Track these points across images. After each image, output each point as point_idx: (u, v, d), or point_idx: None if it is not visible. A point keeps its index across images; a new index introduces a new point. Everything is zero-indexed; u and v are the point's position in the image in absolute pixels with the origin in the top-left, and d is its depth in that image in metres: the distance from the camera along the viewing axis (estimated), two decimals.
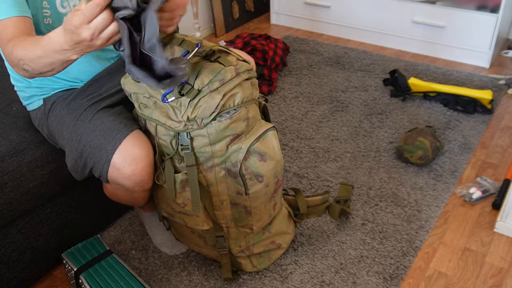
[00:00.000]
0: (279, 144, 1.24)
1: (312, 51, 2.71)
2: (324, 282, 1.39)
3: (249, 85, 1.16)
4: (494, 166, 1.82)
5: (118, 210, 1.61)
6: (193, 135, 1.13)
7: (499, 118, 2.09)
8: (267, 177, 1.20)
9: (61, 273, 1.47)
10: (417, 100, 2.22)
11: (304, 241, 1.52)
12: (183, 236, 1.39)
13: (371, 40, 2.81)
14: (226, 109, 1.12)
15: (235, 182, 1.19)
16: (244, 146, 1.15)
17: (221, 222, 1.27)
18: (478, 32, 2.43)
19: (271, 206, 1.29)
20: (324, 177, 1.78)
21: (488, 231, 1.54)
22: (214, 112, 1.10)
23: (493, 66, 2.51)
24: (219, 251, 1.31)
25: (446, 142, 1.93)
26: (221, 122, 1.12)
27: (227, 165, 1.18)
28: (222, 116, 1.12)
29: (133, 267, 1.46)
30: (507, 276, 1.39)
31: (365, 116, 2.13)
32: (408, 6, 2.58)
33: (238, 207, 1.25)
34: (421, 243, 1.50)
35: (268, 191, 1.23)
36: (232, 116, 1.13)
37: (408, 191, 1.70)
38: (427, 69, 2.47)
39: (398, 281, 1.38)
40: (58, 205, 1.39)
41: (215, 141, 1.14)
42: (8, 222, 1.27)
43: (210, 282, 1.40)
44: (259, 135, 1.18)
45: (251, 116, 1.18)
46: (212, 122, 1.12)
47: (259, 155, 1.17)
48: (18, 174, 1.25)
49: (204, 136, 1.13)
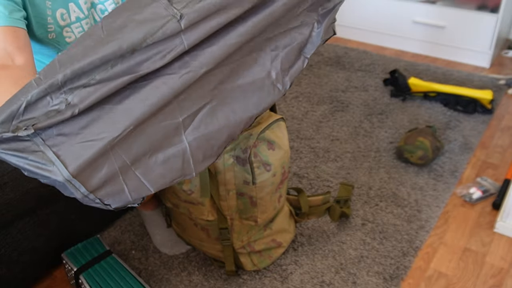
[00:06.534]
0: (287, 135, 1.27)
1: None
2: (324, 282, 1.39)
3: None
4: (494, 166, 1.82)
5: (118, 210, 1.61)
6: None
7: (499, 118, 2.09)
8: (274, 166, 1.22)
9: (61, 273, 1.47)
10: (417, 100, 2.22)
11: (304, 241, 1.52)
12: (185, 230, 1.39)
13: (371, 40, 2.81)
14: None
15: (243, 171, 1.21)
16: (255, 133, 1.18)
17: (226, 214, 1.28)
18: (478, 32, 2.43)
19: (276, 198, 1.30)
20: (324, 177, 1.78)
21: (488, 231, 1.54)
22: None
23: (493, 66, 2.51)
24: (223, 243, 1.32)
25: (446, 142, 1.93)
26: None
27: (236, 152, 1.20)
28: None
29: (133, 267, 1.46)
30: (507, 276, 1.39)
31: (365, 116, 2.13)
32: (408, 6, 2.58)
33: (244, 198, 1.26)
34: (421, 243, 1.50)
35: (274, 181, 1.25)
36: None
37: (408, 191, 1.70)
38: (427, 69, 2.47)
39: (398, 281, 1.38)
40: (58, 205, 1.39)
41: None
42: (8, 222, 1.27)
43: (210, 282, 1.40)
44: (268, 123, 1.21)
45: None
46: None
47: (268, 143, 1.20)
48: (18, 174, 1.25)
49: None
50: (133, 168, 0.88)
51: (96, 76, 0.83)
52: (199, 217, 1.27)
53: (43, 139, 0.83)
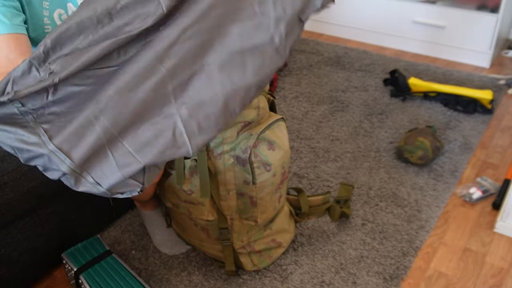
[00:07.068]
0: (287, 135, 1.27)
1: (312, 51, 2.71)
2: (324, 282, 1.39)
3: None
4: (494, 166, 1.81)
5: (118, 210, 1.61)
6: None
7: (499, 118, 2.09)
8: (274, 166, 1.22)
9: (61, 273, 1.47)
10: (417, 100, 2.22)
11: (304, 241, 1.52)
12: (185, 230, 1.39)
13: (371, 40, 2.81)
14: None
15: (243, 171, 1.21)
16: (255, 133, 1.19)
17: (226, 214, 1.28)
18: (478, 32, 2.43)
19: (276, 198, 1.30)
20: (324, 177, 1.78)
21: (488, 231, 1.54)
22: None
23: (493, 66, 2.51)
24: (223, 243, 1.32)
25: (446, 142, 1.93)
26: None
27: (236, 152, 1.20)
28: None
29: (133, 267, 1.46)
30: (507, 276, 1.39)
31: (365, 116, 2.13)
32: (408, 6, 2.58)
33: (244, 198, 1.26)
34: (421, 243, 1.50)
35: (274, 182, 1.25)
36: None
37: (408, 191, 1.70)
38: (427, 69, 2.47)
39: (398, 281, 1.38)
40: (58, 205, 1.39)
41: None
42: (8, 222, 1.27)
43: (210, 282, 1.40)
44: (269, 123, 1.22)
45: (262, 106, 1.22)
46: None
47: (268, 143, 1.20)
48: (18, 174, 1.25)
49: None
50: (120, 138, 0.86)
51: (78, 45, 0.84)
52: (199, 217, 1.27)
53: (34, 117, 0.86)
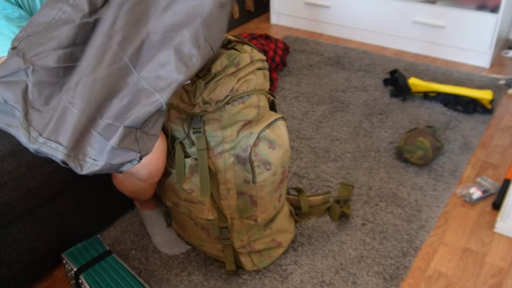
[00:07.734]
0: (287, 134, 1.27)
1: (312, 51, 2.71)
2: (324, 282, 1.39)
3: (261, 74, 1.21)
4: (494, 166, 1.82)
5: (118, 210, 1.61)
6: (205, 119, 1.17)
7: (499, 118, 2.09)
8: (275, 165, 1.22)
9: (61, 273, 1.47)
10: (417, 100, 2.22)
11: (304, 241, 1.52)
12: (185, 229, 1.39)
13: (371, 40, 2.81)
14: (240, 94, 1.15)
15: (243, 170, 1.21)
16: (255, 132, 1.19)
17: (226, 213, 1.28)
18: (478, 32, 2.43)
19: (276, 197, 1.30)
20: (324, 177, 1.78)
21: (488, 231, 1.54)
22: (229, 95, 1.13)
23: (493, 66, 2.51)
24: (223, 242, 1.32)
25: (446, 142, 1.93)
26: (234, 106, 1.16)
27: (237, 151, 1.20)
28: (235, 101, 1.16)
29: (133, 267, 1.46)
30: (507, 276, 1.39)
31: (365, 116, 2.13)
32: (408, 6, 2.58)
33: (244, 197, 1.26)
34: (421, 243, 1.50)
35: (275, 181, 1.25)
36: (244, 101, 1.17)
37: (408, 191, 1.70)
38: (427, 69, 2.47)
39: (398, 281, 1.38)
40: (58, 205, 1.39)
41: (227, 125, 1.18)
42: (8, 222, 1.27)
43: (210, 282, 1.40)
44: (269, 122, 1.22)
45: (262, 105, 1.22)
46: (225, 106, 1.15)
47: (269, 142, 1.20)
48: (18, 174, 1.25)
49: (216, 120, 1.17)
50: (97, 115, 0.92)
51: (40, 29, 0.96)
52: (199, 216, 1.27)
53: (25, 118, 0.93)
